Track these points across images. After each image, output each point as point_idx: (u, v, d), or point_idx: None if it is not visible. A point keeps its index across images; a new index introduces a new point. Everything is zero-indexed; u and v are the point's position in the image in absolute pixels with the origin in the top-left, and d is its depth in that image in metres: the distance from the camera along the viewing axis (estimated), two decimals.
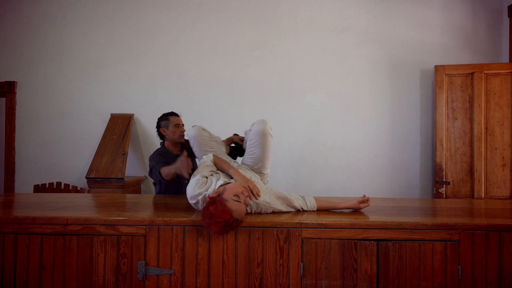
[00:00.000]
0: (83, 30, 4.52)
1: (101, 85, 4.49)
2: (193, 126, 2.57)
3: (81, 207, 2.32)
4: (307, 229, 1.83)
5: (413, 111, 4.27)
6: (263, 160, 2.33)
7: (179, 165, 2.43)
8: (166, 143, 3.11)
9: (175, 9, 4.46)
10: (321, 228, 1.82)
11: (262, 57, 4.41)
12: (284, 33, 4.41)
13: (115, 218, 1.89)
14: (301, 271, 1.82)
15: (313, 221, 1.84)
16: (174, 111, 3.28)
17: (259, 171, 2.36)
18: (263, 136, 2.27)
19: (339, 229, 1.82)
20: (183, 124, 3.15)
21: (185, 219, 1.87)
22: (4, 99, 4.57)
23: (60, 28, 4.53)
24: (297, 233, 1.83)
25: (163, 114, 3.15)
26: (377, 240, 1.80)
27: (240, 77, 4.41)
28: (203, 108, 4.42)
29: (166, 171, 2.63)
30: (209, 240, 1.85)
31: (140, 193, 4.28)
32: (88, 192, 3.99)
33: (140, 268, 1.86)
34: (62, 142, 4.47)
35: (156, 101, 4.42)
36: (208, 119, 4.37)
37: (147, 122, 4.43)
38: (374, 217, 1.91)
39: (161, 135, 3.12)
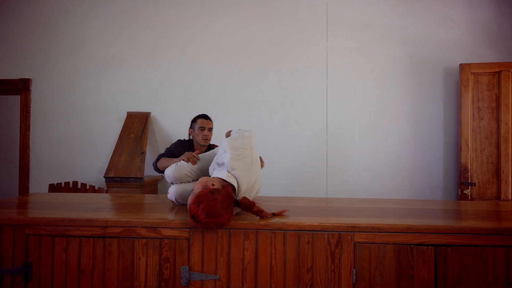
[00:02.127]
0: (98, 26, 4.42)
1: (117, 83, 4.40)
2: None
3: (117, 208, 2.23)
4: (360, 233, 1.74)
5: (436, 110, 4.19)
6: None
7: (182, 156, 2.36)
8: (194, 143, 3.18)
9: (192, 5, 4.37)
10: (375, 232, 1.73)
11: (281, 54, 4.32)
12: (303, 30, 4.32)
13: (157, 220, 1.80)
14: (354, 278, 1.73)
15: (366, 225, 1.75)
16: (205, 112, 3.33)
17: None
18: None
19: (394, 233, 1.73)
20: (210, 128, 3.15)
21: (230, 221, 1.78)
22: (19, 96, 4.46)
23: (76, 24, 4.43)
24: (349, 237, 1.74)
25: (196, 115, 3.26)
26: (435, 245, 1.71)
27: (258, 75, 4.32)
28: (220, 106, 4.32)
29: (165, 161, 2.70)
30: (256, 244, 1.76)
31: (157, 193, 4.19)
32: (106, 192, 3.89)
33: (183, 273, 1.77)
34: (77, 140, 4.37)
35: (171, 99, 4.34)
36: (225, 117, 4.28)
37: (164, 121, 4.34)
38: (430, 221, 1.82)
39: (190, 136, 3.22)
